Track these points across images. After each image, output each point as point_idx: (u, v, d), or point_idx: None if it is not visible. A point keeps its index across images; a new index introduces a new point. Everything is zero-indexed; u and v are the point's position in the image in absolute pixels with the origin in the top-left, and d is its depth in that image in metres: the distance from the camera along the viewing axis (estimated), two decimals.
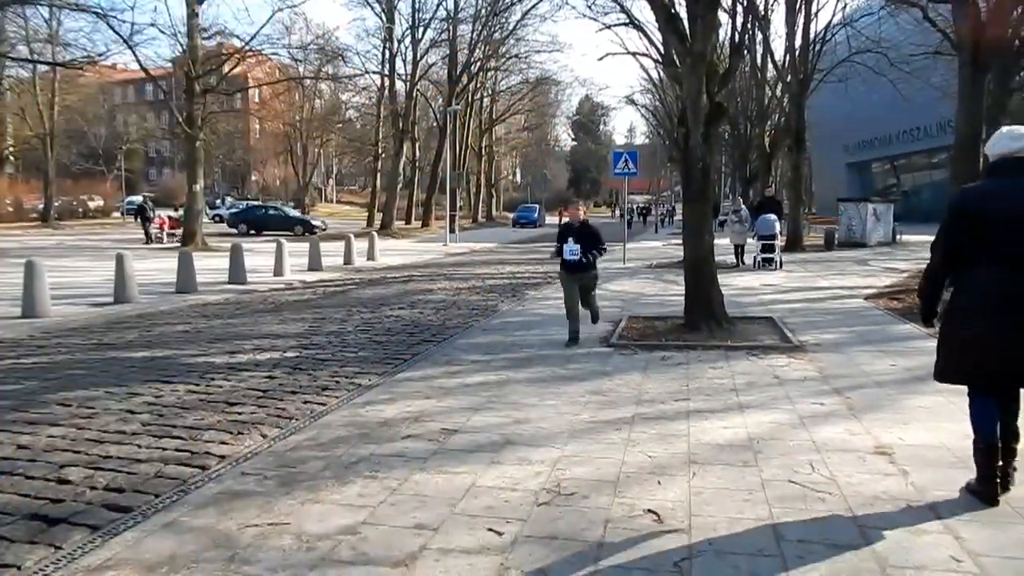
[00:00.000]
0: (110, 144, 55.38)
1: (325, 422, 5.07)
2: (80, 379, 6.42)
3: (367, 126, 54.85)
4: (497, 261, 21.53)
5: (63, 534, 3.38)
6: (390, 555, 3.09)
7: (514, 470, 4.07)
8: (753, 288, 12.76)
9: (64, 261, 19.41)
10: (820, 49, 22.96)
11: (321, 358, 7.34)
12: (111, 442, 4.69)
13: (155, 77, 28.67)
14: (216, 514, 3.54)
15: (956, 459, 4.09)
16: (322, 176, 74.19)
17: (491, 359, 7.15)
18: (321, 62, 41.57)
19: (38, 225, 40.21)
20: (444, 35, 41.93)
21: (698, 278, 8.62)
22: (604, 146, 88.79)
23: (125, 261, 11.67)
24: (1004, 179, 3.51)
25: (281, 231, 33.46)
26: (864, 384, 5.85)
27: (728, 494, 3.67)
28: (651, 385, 5.98)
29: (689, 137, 8.76)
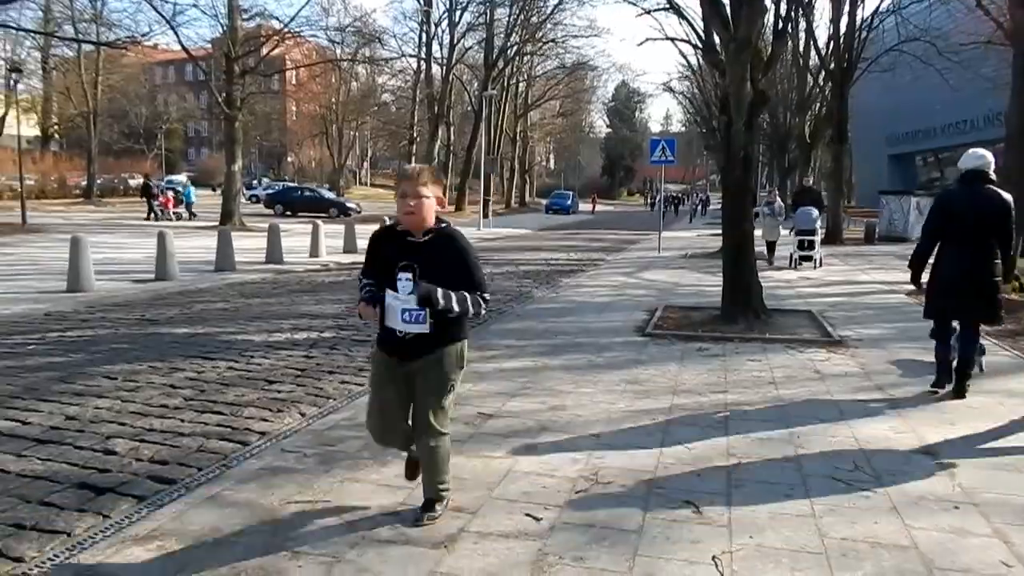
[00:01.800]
0: (151, 123, 56.40)
1: (362, 403, 5.07)
2: (124, 353, 6.57)
3: (402, 109, 55.11)
4: (531, 247, 21.49)
5: (110, 503, 3.46)
6: (429, 537, 3.11)
7: (551, 457, 4.07)
8: (791, 281, 12.57)
9: (106, 237, 19.82)
10: (866, 36, 22.37)
11: (358, 339, 7.40)
12: (155, 415, 4.79)
13: (195, 58, 29.01)
14: (258, 489, 3.60)
15: (1003, 461, 4.00)
16: (356, 159, 74.65)
17: (525, 345, 7.15)
18: (358, 44, 41.71)
19: (81, 202, 41.13)
20: (481, 19, 41.85)
21: (737, 269, 8.50)
22: (639, 133, 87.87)
23: (167, 239, 11.88)
24: (965, 186, 5.16)
25: (316, 213, 33.83)
26: (907, 382, 5.73)
27: (768, 488, 3.62)
28: (688, 375, 5.93)
29: (731, 125, 8.62)
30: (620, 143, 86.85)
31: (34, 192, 37.18)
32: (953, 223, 5.11)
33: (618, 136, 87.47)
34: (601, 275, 13.79)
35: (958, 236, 5.11)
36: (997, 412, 4.91)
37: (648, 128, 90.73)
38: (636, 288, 11.76)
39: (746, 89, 8.66)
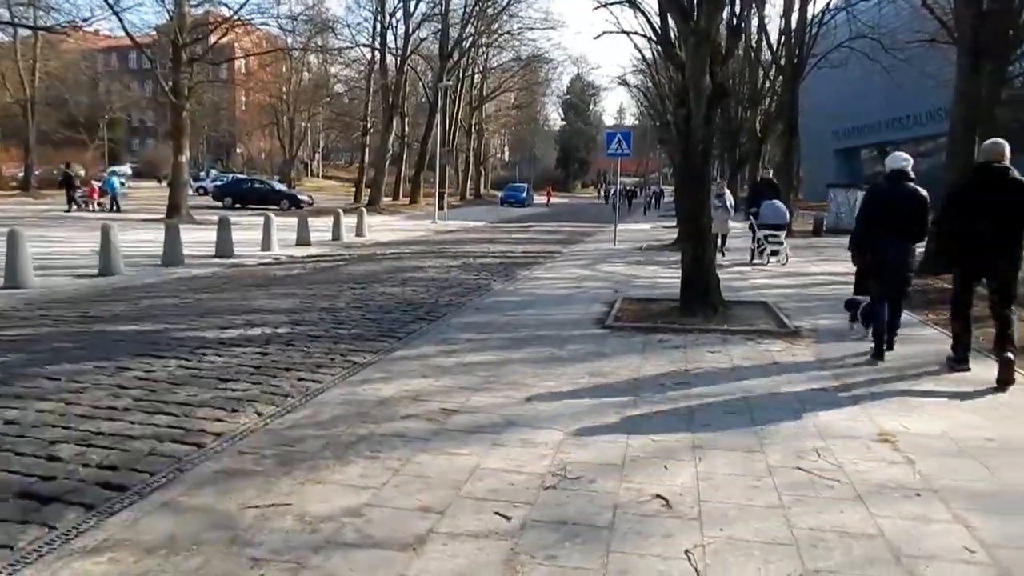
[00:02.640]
0: (92, 113, 54.42)
1: (321, 400, 4.98)
2: (68, 353, 6.28)
3: (356, 100, 54.28)
4: (487, 240, 21.40)
5: (56, 513, 3.28)
6: (396, 538, 3.03)
7: (518, 452, 4.01)
8: (745, 272, 12.75)
9: (46, 231, 19.05)
10: (816, 33, 22.83)
11: (314, 335, 7.23)
12: (102, 418, 4.57)
13: (140, 45, 28.06)
14: (215, 494, 3.45)
15: (960, 448, 4.09)
16: (308, 150, 73.36)
17: (487, 338, 7.08)
18: (310, 33, 40.89)
19: (18, 193, 39.50)
20: (436, 9, 41.40)
21: (694, 262, 8.56)
22: (593, 126, 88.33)
23: (111, 232, 11.44)
24: (890, 183, 6.08)
25: (267, 205, 33.10)
26: (862, 371, 5.84)
27: (736, 480, 3.63)
28: (650, 367, 5.93)
29: (690, 119, 8.66)
30: (575, 136, 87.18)
31: None
32: (888, 214, 6.02)
33: (573, 129, 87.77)
34: (559, 267, 13.79)
35: (895, 226, 6.02)
36: (952, 401, 5.04)
37: (602, 121, 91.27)
38: (594, 280, 11.79)
39: (705, 82, 8.71)
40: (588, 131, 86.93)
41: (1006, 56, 14.14)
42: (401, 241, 20.42)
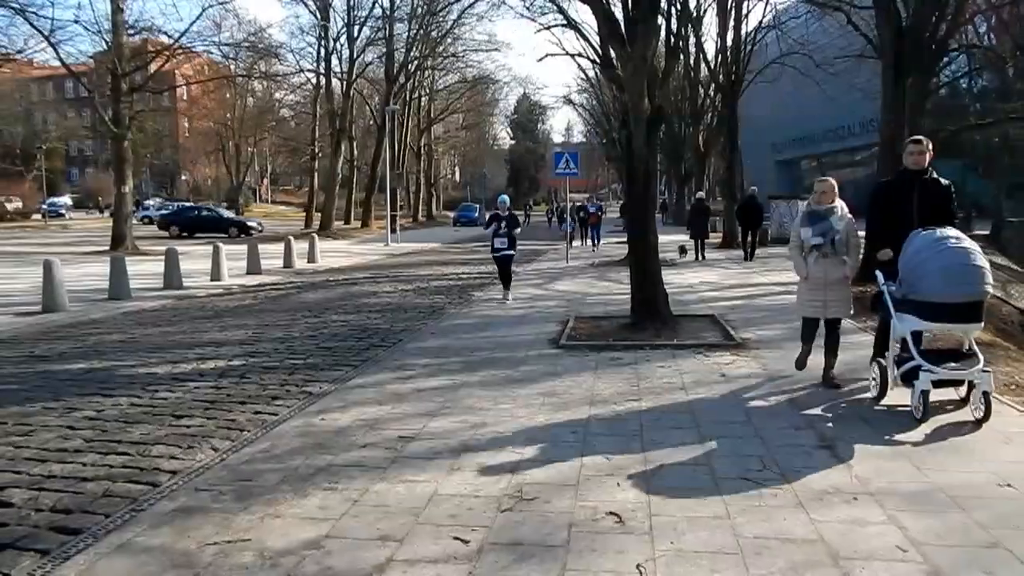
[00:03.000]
0: (28, 143, 52.89)
1: (278, 432, 4.99)
2: (13, 394, 6.13)
3: (302, 125, 53.81)
4: (440, 262, 21.45)
5: (10, 560, 3.25)
6: (356, 568, 3.08)
7: (474, 477, 4.10)
8: (693, 285, 13.08)
9: None
10: (751, 50, 23.67)
11: (268, 366, 7.20)
12: (53, 460, 4.51)
13: (77, 74, 27.46)
14: (172, 533, 3.45)
15: (892, 451, 4.32)
16: (256, 176, 72.44)
17: (442, 363, 7.15)
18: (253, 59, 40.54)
19: None
20: (380, 33, 41.43)
21: (643, 278, 8.80)
22: (542, 145, 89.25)
23: (54, 268, 11.18)
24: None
25: (215, 233, 32.54)
26: (804, 380, 6.08)
27: (686, 493, 3.78)
28: (602, 386, 6.08)
29: (632, 140, 8.92)
30: (524, 154, 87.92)
31: None
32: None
33: (522, 147, 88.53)
34: (512, 287, 13.90)
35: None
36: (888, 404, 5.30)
37: (551, 139, 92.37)
38: (547, 299, 11.96)
39: (644, 105, 9.00)
40: (537, 150, 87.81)
41: (928, 69, 14.93)
42: (354, 266, 20.33)
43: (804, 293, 5.89)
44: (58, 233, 39.04)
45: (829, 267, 5.68)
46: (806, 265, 5.75)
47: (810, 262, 5.72)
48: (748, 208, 19.18)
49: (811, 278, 5.75)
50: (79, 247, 26.54)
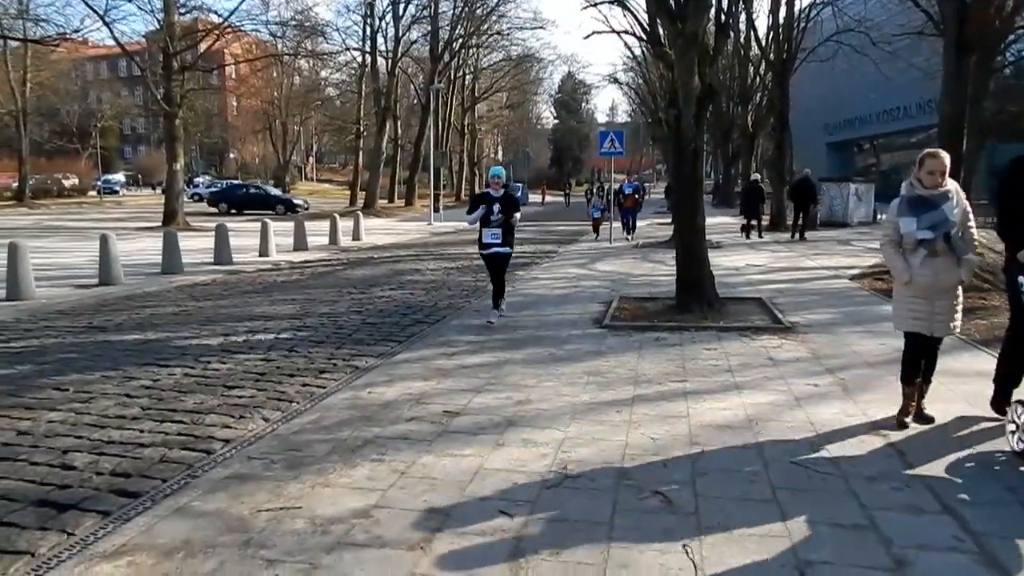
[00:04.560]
0: (84, 121, 54.29)
1: (326, 405, 5.08)
2: (74, 363, 6.37)
3: (348, 104, 54.28)
4: None
5: (74, 520, 3.38)
6: (405, 538, 3.13)
7: (520, 452, 4.12)
8: (739, 268, 12.88)
9: (44, 242, 19.10)
10: (804, 27, 23.00)
11: (316, 340, 7.33)
12: (112, 427, 4.67)
13: (131, 53, 28.05)
14: (227, 498, 3.56)
15: (951, 439, 4.21)
16: (302, 154, 73.34)
17: (486, 340, 7.19)
18: (300, 38, 40.93)
19: (12, 204, 39.46)
20: (426, 11, 41.44)
21: (689, 259, 8.68)
22: (586, 124, 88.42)
23: (110, 242, 11.52)
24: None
25: (262, 210, 33.17)
26: (855, 364, 5.96)
27: (732, 475, 3.74)
28: (647, 366, 6.04)
29: (681, 119, 8.78)
30: (568, 134, 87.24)
31: None
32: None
33: (566, 127, 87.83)
34: (555, 267, 13.90)
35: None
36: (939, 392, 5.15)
37: (595, 119, 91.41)
38: (590, 279, 11.90)
39: (694, 83, 8.83)
40: (581, 129, 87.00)
41: (992, 48, 14.31)
42: (398, 244, 20.51)
43: (904, 301, 4.48)
44: (113, 209, 40.20)
45: (941, 269, 4.28)
46: (909, 266, 4.37)
47: (915, 263, 4.33)
48: (801, 189, 19.18)
49: (917, 283, 4.34)
50: (133, 223, 27.30)
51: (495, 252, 8.01)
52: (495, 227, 7.88)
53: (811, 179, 19.71)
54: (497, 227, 7.88)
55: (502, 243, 7.95)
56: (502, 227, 7.89)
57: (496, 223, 7.87)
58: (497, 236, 7.89)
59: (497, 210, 7.84)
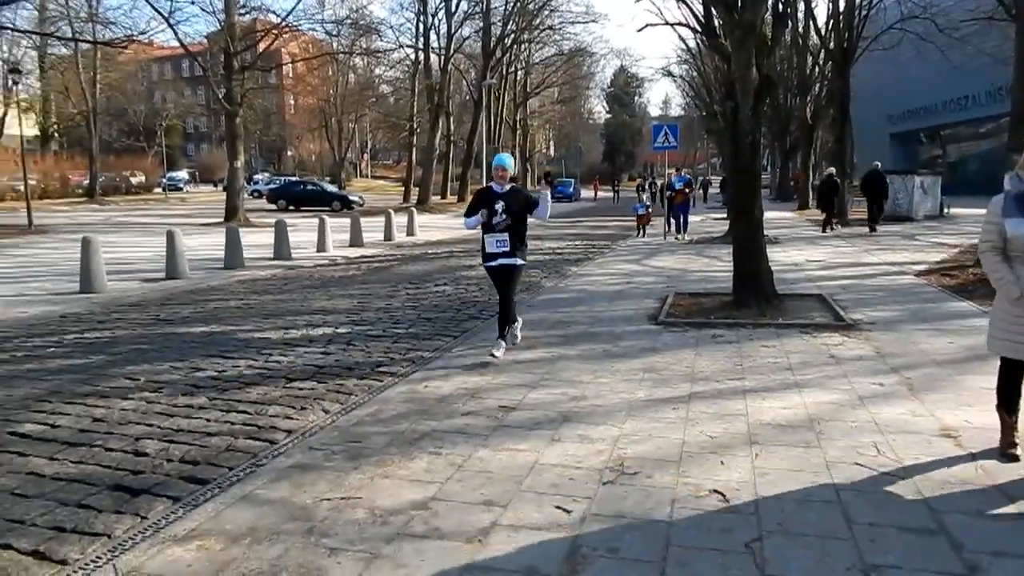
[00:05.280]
0: (150, 120, 56.23)
1: (384, 398, 5.17)
2: (144, 353, 6.63)
3: (401, 101, 54.93)
4: (535, 236, 21.43)
5: (146, 504, 3.52)
6: (463, 530, 3.17)
7: (575, 448, 4.12)
8: (798, 264, 12.59)
9: (113, 237, 19.87)
10: (866, 15, 22.27)
11: (373, 334, 7.46)
12: (181, 416, 4.85)
13: (194, 54, 28.93)
14: (290, 487, 3.65)
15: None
16: (357, 151, 74.52)
17: (540, 335, 7.19)
18: (355, 36, 41.53)
19: (84, 201, 41.18)
20: (478, 7, 41.62)
21: (746, 254, 8.53)
22: (639, 118, 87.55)
23: (176, 238, 11.92)
24: None
25: (319, 207, 33.82)
26: (923, 363, 5.77)
27: (793, 475, 3.67)
28: (704, 363, 5.97)
29: (738, 111, 8.61)
30: (620, 128, 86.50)
31: (36, 192, 37.21)
32: None
33: (618, 121, 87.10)
34: (608, 263, 13.82)
35: None
36: None
37: (647, 112, 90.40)
38: (645, 275, 11.79)
39: (752, 74, 8.66)
40: (634, 123, 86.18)
41: None
42: (451, 240, 20.68)
43: (1008, 321, 3.73)
44: (177, 205, 41.58)
45: None
46: (1018, 278, 3.66)
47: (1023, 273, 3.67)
48: (872, 182, 19.06)
49: None
50: (196, 219, 28.19)
51: (501, 265, 6.26)
52: (500, 232, 6.19)
53: (881, 172, 19.45)
54: (503, 232, 6.19)
55: (510, 252, 6.22)
56: (510, 232, 6.19)
57: (501, 226, 6.17)
58: (503, 243, 6.19)
59: (501, 210, 6.16)
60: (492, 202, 6.20)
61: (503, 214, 6.16)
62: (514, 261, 6.25)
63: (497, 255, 6.25)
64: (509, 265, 6.26)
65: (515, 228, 6.22)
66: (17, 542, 3.15)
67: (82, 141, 47.75)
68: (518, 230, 6.25)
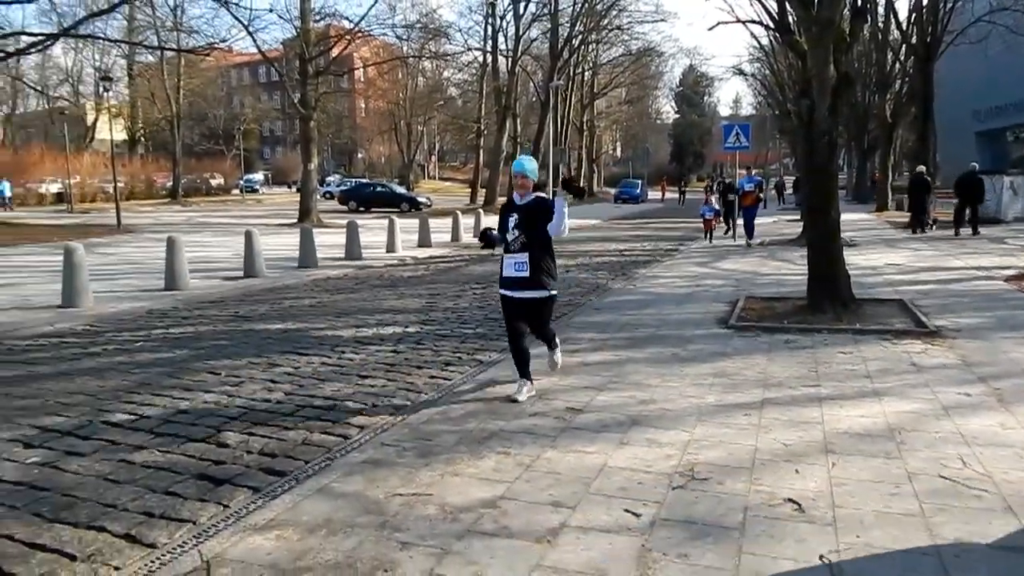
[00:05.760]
0: (228, 125, 58.46)
1: (453, 397, 5.24)
2: (224, 349, 6.91)
3: (469, 103, 55.51)
4: (601, 238, 21.39)
5: (228, 493, 3.67)
6: (531, 530, 3.19)
7: (644, 452, 4.09)
8: (877, 267, 12.14)
9: (194, 236, 20.74)
10: (952, 7, 21.30)
11: (441, 333, 7.57)
12: (259, 409, 5.03)
13: (271, 60, 29.92)
14: (364, 482, 3.75)
15: None
16: (424, 153, 75.63)
17: (607, 338, 7.16)
18: (424, 40, 42.17)
19: (167, 202, 43.12)
20: (546, 9, 41.62)
21: (822, 257, 8.27)
22: (708, 118, 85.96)
23: (254, 238, 12.37)
24: None
25: (388, 208, 34.48)
26: (1013, 373, 5.48)
27: (873, 487, 3.55)
28: (777, 369, 5.83)
29: (814, 110, 8.37)
30: (688, 128, 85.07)
31: (124, 194, 39.16)
32: None
33: (686, 121, 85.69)
34: (676, 265, 13.64)
35: None
36: None
37: (717, 112, 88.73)
38: (714, 278, 11.58)
39: (829, 71, 8.40)
40: (703, 123, 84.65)
41: None
42: None
43: None
44: (253, 206, 43.07)
45: None
46: None
47: None
48: (968, 183, 18.16)
49: None
50: (271, 219, 29.14)
51: (519, 296, 5.06)
52: (517, 252, 5.02)
53: (977, 173, 18.51)
54: (521, 252, 5.00)
55: (531, 279, 4.99)
56: (530, 252, 4.98)
57: (516, 245, 5.02)
58: (523, 267, 4.98)
59: (513, 224, 5.04)
60: (510, 214, 5.13)
61: (515, 230, 5.03)
62: (538, 293, 5.04)
63: (516, 282, 5.01)
64: (531, 299, 5.06)
65: (534, 246, 4.99)
66: (111, 525, 3.33)
67: (166, 145, 50.08)
68: (540, 250, 5.01)
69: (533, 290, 5.03)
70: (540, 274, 5.02)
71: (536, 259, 4.99)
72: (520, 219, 5.02)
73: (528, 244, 4.99)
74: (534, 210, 5.03)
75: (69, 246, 9.50)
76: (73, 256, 9.32)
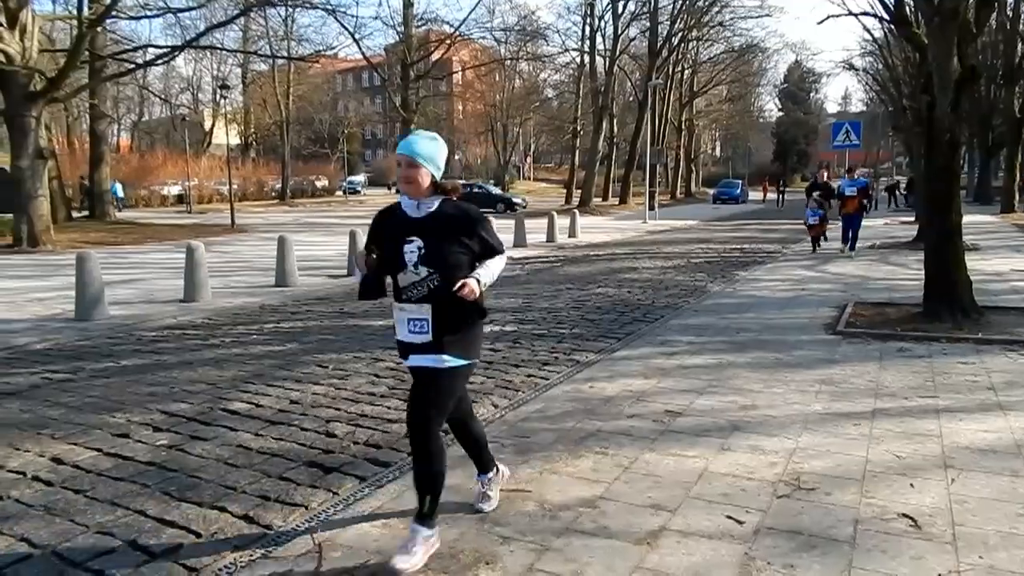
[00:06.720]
0: (333, 129, 60.84)
1: (550, 395, 5.28)
2: (331, 343, 7.22)
3: (565, 104, 55.53)
4: (699, 239, 20.93)
5: (337, 481, 3.84)
6: (631, 531, 3.18)
7: (747, 458, 3.99)
8: (1002, 273, 11.34)
9: (301, 236, 21.69)
10: None
11: (538, 333, 7.63)
12: (365, 402, 5.23)
13: (375, 65, 30.94)
14: (463, 475, 3.82)
15: None
16: (520, 154, 76.18)
17: (706, 341, 7.02)
18: (522, 42, 42.51)
19: (276, 203, 45.29)
20: (645, 7, 41.13)
21: (941, 261, 7.80)
22: (814, 116, 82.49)
23: (358, 237, 12.82)
24: None
25: (484, 208, 34.78)
26: None
27: (997, 506, 3.34)
28: (889, 378, 5.55)
29: (934, 106, 7.91)
30: (793, 127, 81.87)
31: (237, 195, 41.43)
32: None
33: (791, 119, 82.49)
34: (779, 268, 13.18)
35: None
36: None
37: (824, 109, 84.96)
38: (820, 282, 11.13)
39: (952, 65, 7.92)
40: (808, 121, 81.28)
41: None
42: (613, 242, 20.63)
43: None
44: (356, 207, 44.57)
45: None
46: None
47: None
48: None
49: None
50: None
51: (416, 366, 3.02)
52: (414, 303, 2.93)
53: None
54: (419, 303, 2.92)
55: (433, 343, 2.93)
56: (432, 302, 2.89)
57: (417, 292, 2.92)
58: (421, 325, 2.93)
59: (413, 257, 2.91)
60: (395, 236, 2.99)
61: (418, 264, 2.90)
62: (436, 361, 2.95)
63: (409, 346, 3.02)
64: (425, 369, 2.99)
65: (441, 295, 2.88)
66: (231, 506, 3.55)
67: (275, 148, 52.65)
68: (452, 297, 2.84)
69: (429, 355, 2.96)
70: (444, 333, 2.92)
71: (443, 312, 2.90)
72: (426, 246, 2.90)
73: (437, 291, 2.88)
74: (447, 228, 2.95)
75: (191, 245, 10.15)
76: (195, 254, 9.96)
